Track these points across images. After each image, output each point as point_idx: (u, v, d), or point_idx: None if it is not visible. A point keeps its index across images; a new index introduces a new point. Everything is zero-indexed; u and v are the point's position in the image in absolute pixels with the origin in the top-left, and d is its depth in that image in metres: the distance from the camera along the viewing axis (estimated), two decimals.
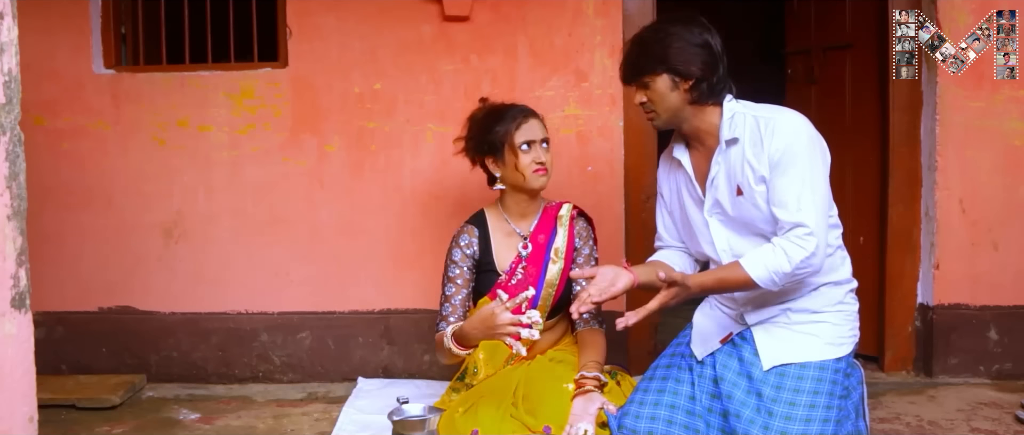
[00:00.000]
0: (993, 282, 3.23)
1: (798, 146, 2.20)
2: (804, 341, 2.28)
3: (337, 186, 3.35)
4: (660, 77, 2.29)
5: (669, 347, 2.50)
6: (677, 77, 2.28)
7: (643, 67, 2.31)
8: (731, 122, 2.30)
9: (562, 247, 2.68)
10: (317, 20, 3.30)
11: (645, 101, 2.34)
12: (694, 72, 2.27)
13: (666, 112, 2.32)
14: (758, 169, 2.23)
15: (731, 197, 2.31)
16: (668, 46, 2.27)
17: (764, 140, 2.23)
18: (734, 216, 2.32)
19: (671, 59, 2.27)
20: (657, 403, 2.31)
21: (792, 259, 2.15)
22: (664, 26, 2.34)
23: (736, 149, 2.29)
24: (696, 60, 2.27)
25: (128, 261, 3.38)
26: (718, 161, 2.32)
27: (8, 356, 1.39)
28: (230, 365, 3.39)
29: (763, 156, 2.22)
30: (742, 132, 2.28)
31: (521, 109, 2.66)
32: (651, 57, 2.29)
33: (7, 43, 1.39)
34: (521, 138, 2.59)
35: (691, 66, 2.27)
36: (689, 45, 2.28)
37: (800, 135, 2.23)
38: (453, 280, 2.68)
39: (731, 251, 2.35)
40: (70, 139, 3.37)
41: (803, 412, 2.18)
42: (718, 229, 2.37)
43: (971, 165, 3.20)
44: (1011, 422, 2.77)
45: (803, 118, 2.29)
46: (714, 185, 2.34)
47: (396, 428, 2.38)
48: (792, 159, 2.19)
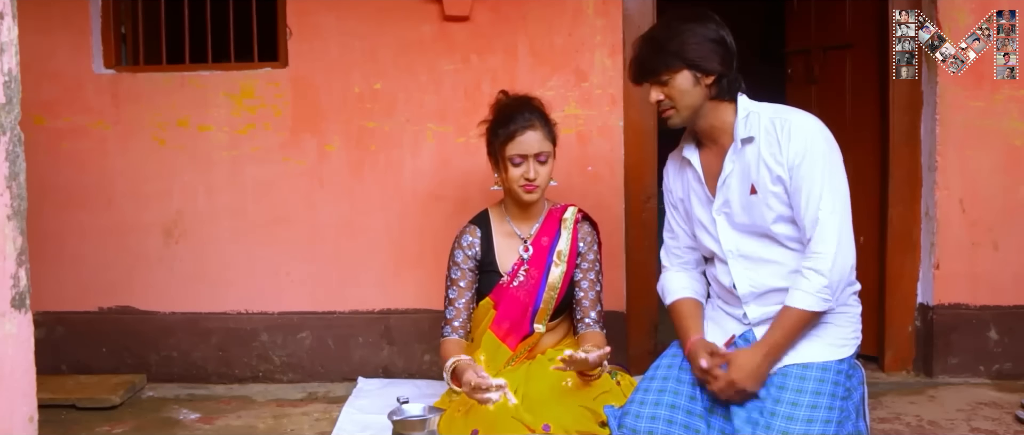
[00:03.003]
0: (993, 282, 3.23)
1: (816, 149, 2.23)
2: (808, 342, 2.29)
3: (337, 186, 3.35)
4: (681, 73, 2.27)
5: (670, 347, 2.48)
6: (699, 72, 2.27)
7: (661, 63, 2.28)
8: (746, 121, 2.30)
9: (565, 250, 2.67)
10: (317, 20, 3.30)
11: (663, 99, 2.31)
12: (715, 67, 2.28)
13: (687, 108, 2.30)
14: (775, 170, 2.25)
15: (743, 196, 2.31)
16: (686, 42, 2.26)
17: (781, 142, 2.24)
18: (744, 215, 2.33)
19: (691, 54, 2.26)
20: (658, 403, 2.31)
21: (820, 269, 2.19)
22: (678, 23, 2.32)
23: (751, 148, 2.29)
24: (715, 56, 2.28)
25: (128, 261, 3.38)
26: (732, 159, 2.32)
27: (8, 356, 1.39)
28: (230, 365, 3.39)
29: (781, 157, 2.24)
30: (757, 131, 2.29)
31: (525, 117, 2.58)
32: (669, 53, 2.27)
33: (7, 43, 1.39)
34: (513, 151, 2.56)
35: (711, 61, 2.27)
36: (707, 40, 2.28)
37: (817, 137, 2.25)
38: (455, 283, 2.68)
39: (738, 250, 2.37)
40: (70, 139, 3.36)
41: (805, 413, 2.19)
42: (725, 228, 2.38)
43: (971, 165, 3.20)
44: (1011, 422, 2.77)
45: (816, 119, 2.31)
46: (726, 184, 2.34)
47: (396, 428, 2.38)
48: (811, 163, 2.22)
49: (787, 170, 2.24)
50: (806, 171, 2.22)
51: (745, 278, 2.37)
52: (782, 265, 2.32)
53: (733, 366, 2.23)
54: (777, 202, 2.27)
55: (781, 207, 2.27)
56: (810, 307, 2.22)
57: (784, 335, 2.25)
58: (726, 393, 2.25)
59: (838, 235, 2.20)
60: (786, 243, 2.31)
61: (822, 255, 2.19)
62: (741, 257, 2.37)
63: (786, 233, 2.30)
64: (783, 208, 2.27)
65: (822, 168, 2.22)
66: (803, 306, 2.22)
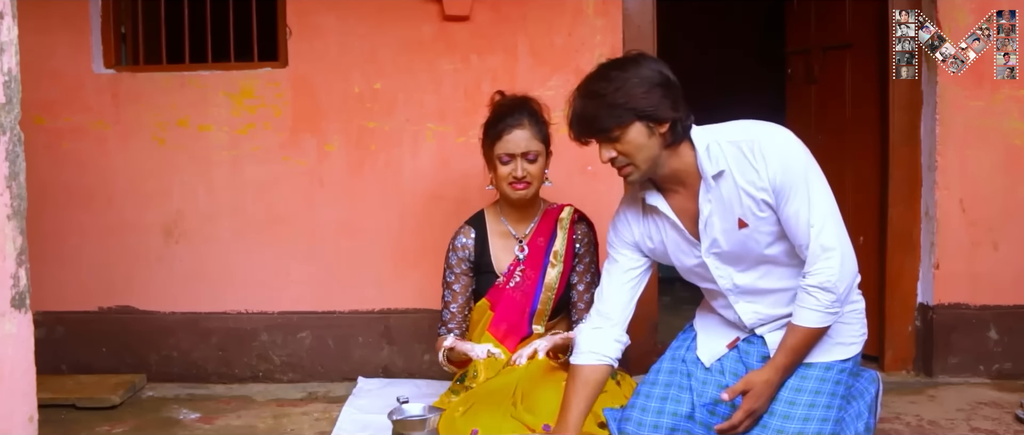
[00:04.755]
0: (993, 282, 3.23)
1: (796, 164, 2.13)
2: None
3: (337, 186, 3.35)
4: (632, 126, 2.09)
5: (669, 350, 2.47)
6: (651, 122, 2.10)
7: (610, 119, 2.09)
8: (709, 155, 2.17)
9: (561, 250, 2.67)
10: (317, 20, 3.30)
11: (616, 156, 2.13)
12: (667, 114, 2.10)
13: (645, 162, 2.13)
14: (758, 196, 2.15)
15: (732, 233, 2.20)
16: (631, 92, 2.08)
17: (757, 167, 2.13)
18: (736, 251, 2.24)
19: (640, 104, 2.08)
20: (660, 411, 2.29)
21: (826, 284, 2.12)
22: (617, 71, 2.13)
23: (725, 182, 2.17)
24: (665, 101, 2.10)
25: (128, 261, 3.38)
26: (706, 199, 2.19)
27: (8, 356, 1.39)
28: (230, 365, 3.39)
29: (761, 182, 2.14)
30: (725, 163, 2.17)
31: (515, 116, 2.60)
32: (617, 106, 2.08)
33: (7, 43, 1.39)
34: (500, 150, 2.57)
35: (662, 108, 2.09)
36: (653, 86, 2.09)
37: (792, 150, 2.15)
38: (449, 286, 2.70)
39: (736, 288, 2.29)
40: (70, 139, 3.36)
41: (802, 411, 2.18)
42: (718, 268, 2.28)
43: (971, 165, 3.20)
44: (1011, 422, 2.77)
45: (782, 130, 2.21)
46: (709, 225, 2.22)
47: (396, 428, 2.38)
48: (792, 182, 2.12)
49: (771, 192, 2.14)
50: (791, 189, 2.12)
51: (750, 311, 2.31)
52: (786, 291, 2.26)
53: (750, 396, 2.17)
54: (769, 227, 2.18)
55: (773, 228, 2.19)
56: (820, 324, 2.16)
57: (796, 354, 2.20)
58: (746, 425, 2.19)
59: (839, 244, 2.13)
60: (784, 261, 2.24)
61: (827, 270, 2.12)
62: (742, 293, 2.30)
63: (782, 251, 2.22)
64: (775, 228, 2.19)
65: (805, 181, 2.13)
66: (813, 325, 2.16)
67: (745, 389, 2.18)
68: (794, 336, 2.18)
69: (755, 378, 2.19)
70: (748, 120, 2.24)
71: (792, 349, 2.19)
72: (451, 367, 2.57)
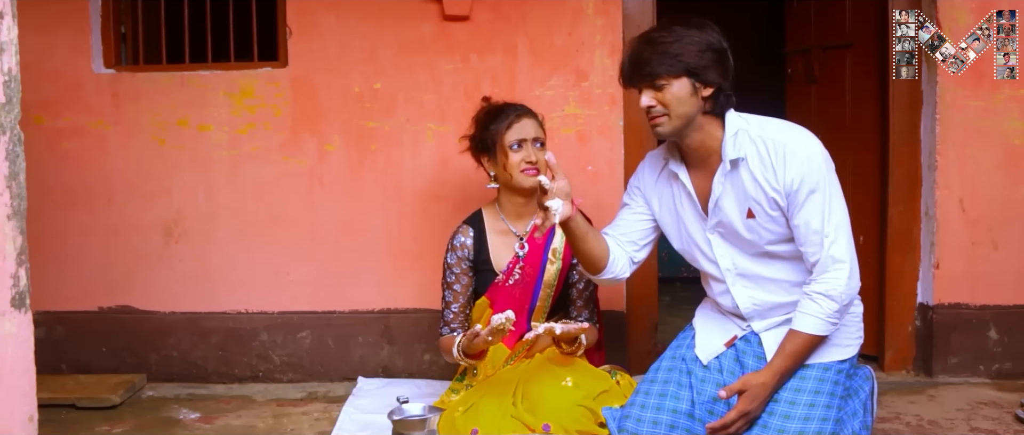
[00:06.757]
0: (993, 282, 3.23)
1: (816, 174, 2.16)
2: None
3: (337, 185, 3.35)
4: (679, 80, 2.15)
5: (669, 349, 2.48)
6: (698, 82, 2.15)
7: (661, 67, 2.14)
8: (735, 140, 2.21)
9: (560, 247, 2.68)
10: (317, 20, 3.30)
11: (655, 105, 2.17)
12: (714, 79, 2.16)
13: (680, 118, 2.17)
14: (771, 194, 2.19)
15: (740, 220, 2.24)
16: (688, 47, 2.14)
17: (776, 168, 2.17)
18: (740, 237, 2.27)
19: (692, 61, 2.13)
20: (660, 408, 2.29)
21: (831, 294, 2.15)
22: (681, 27, 2.18)
23: (743, 171, 2.21)
24: (716, 66, 2.16)
25: (128, 261, 3.38)
26: (721, 182, 2.24)
27: (8, 355, 1.39)
28: (230, 365, 3.39)
29: (776, 183, 2.17)
30: (748, 151, 2.20)
31: (516, 109, 2.67)
32: (670, 56, 2.13)
33: (7, 43, 1.39)
34: (511, 137, 2.61)
35: (711, 72, 2.15)
36: (710, 49, 2.16)
37: (815, 160, 2.17)
38: (450, 286, 2.71)
39: (736, 269, 2.32)
40: (70, 139, 3.36)
41: (802, 411, 2.19)
42: (721, 247, 2.32)
43: (971, 164, 3.20)
44: (1011, 422, 2.77)
45: (811, 137, 2.23)
46: (719, 207, 2.26)
47: (396, 428, 2.38)
48: (811, 189, 2.15)
49: (784, 196, 2.17)
50: (807, 197, 2.15)
51: (747, 297, 2.34)
52: (784, 281, 2.29)
53: (745, 397, 2.18)
54: (775, 226, 2.22)
55: (780, 229, 2.23)
56: (820, 332, 2.19)
57: (795, 359, 2.22)
58: (739, 426, 2.20)
59: (849, 258, 2.17)
60: (785, 257, 2.27)
61: (834, 280, 2.15)
62: (740, 276, 2.33)
63: (784, 250, 2.26)
64: (782, 229, 2.23)
65: (823, 192, 2.16)
66: (813, 331, 2.19)
67: (742, 389, 2.20)
68: (793, 342, 2.21)
69: (752, 380, 2.21)
70: (785, 120, 2.29)
71: (790, 354, 2.21)
72: (468, 360, 2.56)
